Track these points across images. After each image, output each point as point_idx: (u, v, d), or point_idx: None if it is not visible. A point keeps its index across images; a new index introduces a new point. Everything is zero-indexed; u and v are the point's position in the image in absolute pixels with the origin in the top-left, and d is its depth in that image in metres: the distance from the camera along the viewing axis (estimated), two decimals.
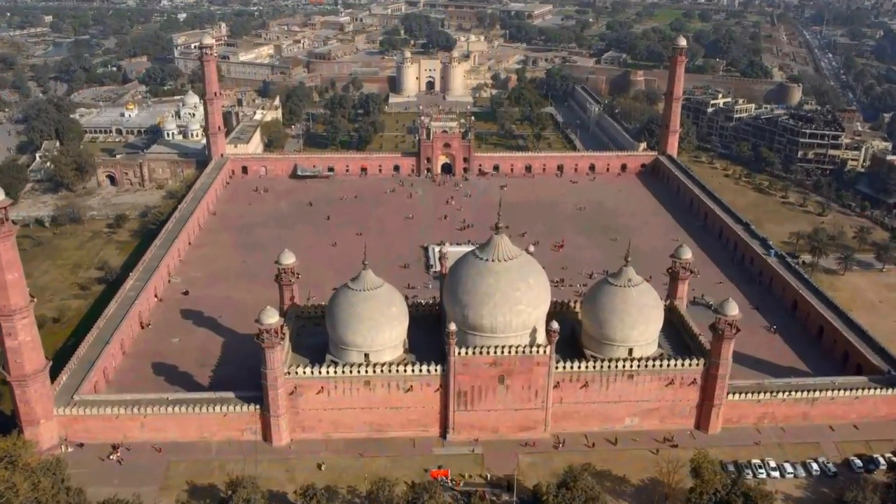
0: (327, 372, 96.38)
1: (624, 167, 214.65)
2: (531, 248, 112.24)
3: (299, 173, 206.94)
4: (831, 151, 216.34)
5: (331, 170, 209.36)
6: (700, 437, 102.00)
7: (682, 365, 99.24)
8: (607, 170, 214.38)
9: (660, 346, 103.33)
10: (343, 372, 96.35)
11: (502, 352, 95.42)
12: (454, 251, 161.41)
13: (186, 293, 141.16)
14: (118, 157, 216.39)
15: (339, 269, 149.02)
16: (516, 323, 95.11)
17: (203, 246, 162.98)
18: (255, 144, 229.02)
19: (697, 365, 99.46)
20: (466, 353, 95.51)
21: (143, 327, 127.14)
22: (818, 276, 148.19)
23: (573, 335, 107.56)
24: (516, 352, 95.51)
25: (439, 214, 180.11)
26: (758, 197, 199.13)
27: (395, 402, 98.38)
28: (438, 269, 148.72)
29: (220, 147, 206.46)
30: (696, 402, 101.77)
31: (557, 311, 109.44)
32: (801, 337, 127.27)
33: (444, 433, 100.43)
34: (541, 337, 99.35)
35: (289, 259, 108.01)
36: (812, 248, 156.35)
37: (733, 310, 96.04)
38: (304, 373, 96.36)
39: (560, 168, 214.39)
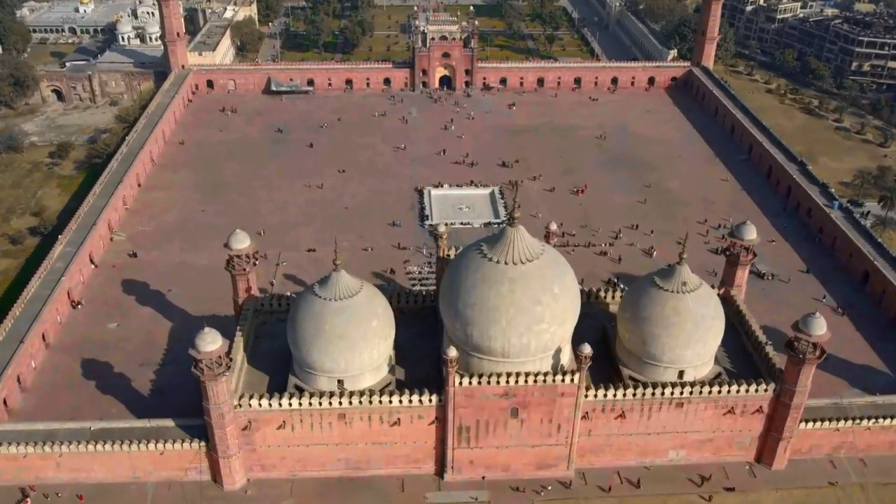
0: (289, 403, 74.25)
1: (651, 81, 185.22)
2: (553, 227, 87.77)
3: (274, 88, 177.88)
4: (892, 64, 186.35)
5: (310, 84, 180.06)
6: (761, 473, 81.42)
7: (747, 391, 77.11)
8: (632, 84, 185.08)
9: (715, 359, 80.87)
10: (310, 403, 74.26)
11: (516, 381, 73.04)
12: (455, 195, 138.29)
13: (134, 255, 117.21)
14: (65, 67, 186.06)
15: (320, 224, 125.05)
16: (536, 345, 72.19)
17: (155, 188, 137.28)
18: (224, 50, 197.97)
19: (766, 391, 77.35)
20: (470, 382, 73.12)
21: (73, 306, 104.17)
22: (890, 236, 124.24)
23: (604, 338, 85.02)
24: (535, 381, 73.15)
25: (437, 147, 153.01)
26: (807, 120, 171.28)
27: (378, 436, 77.08)
28: (434, 223, 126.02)
29: (181, 57, 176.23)
30: (760, 433, 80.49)
31: (583, 303, 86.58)
32: (875, 321, 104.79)
33: (440, 471, 79.72)
34: (566, 356, 76.83)
35: (241, 242, 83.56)
36: (882, 198, 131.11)
37: (819, 328, 72.91)
38: (260, 405, 74.25)
39: (577, 81, 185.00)
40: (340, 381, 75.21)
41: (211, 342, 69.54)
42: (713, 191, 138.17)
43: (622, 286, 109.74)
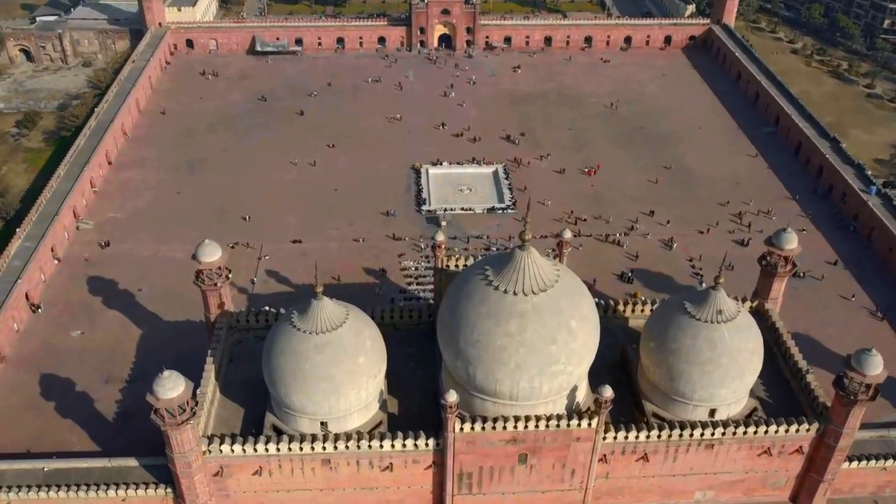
0: (265, 448, 64.85)
1: (668, 40, 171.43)
2: (567, 235, 76.93)
3: (259, 49, 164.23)
4: None
5: (298, 43, 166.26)
6: None
7: (787, 431, 67.68)
8: (647, 43, 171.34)
9: (750, 390, 71.20)
10: (289, 448, 64.88)
11: (525, 426, 63.52)
12: (455, 174, 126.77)
13: (107, 245, 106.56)
14: (34, 24, 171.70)
15: (307, 209, 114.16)
16: (549, 388, 62.41)
17: (127, 166, 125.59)
18: (206, 5, 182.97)
19: (808, 431, 67.94)
20: (472, 427, 63.60)
21: (33, 310, 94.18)
22: None
23: (624, 362, 75.36)
24: (547, 425, 63.64)
25: (435, 117, 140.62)
26: (836, 86, 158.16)
27: (367, 481, 68.03)
28: (432, 208, 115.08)
29: (157, 13, 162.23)
30: (797, 473, 71.47)
31: (599, 317, 76.73)
32: None
33: None
34: (582, 392, 67.18)
35: (211, 255, 72.92)
36: None
37: (875, 366, 62.95)
38: (232, 450, 64.86)
39: (588, 41, 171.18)
40: (324, 423, 65.72)
41: (171, 388, 59.71)
42: (737, 169, 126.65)
43: (632, 277, 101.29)
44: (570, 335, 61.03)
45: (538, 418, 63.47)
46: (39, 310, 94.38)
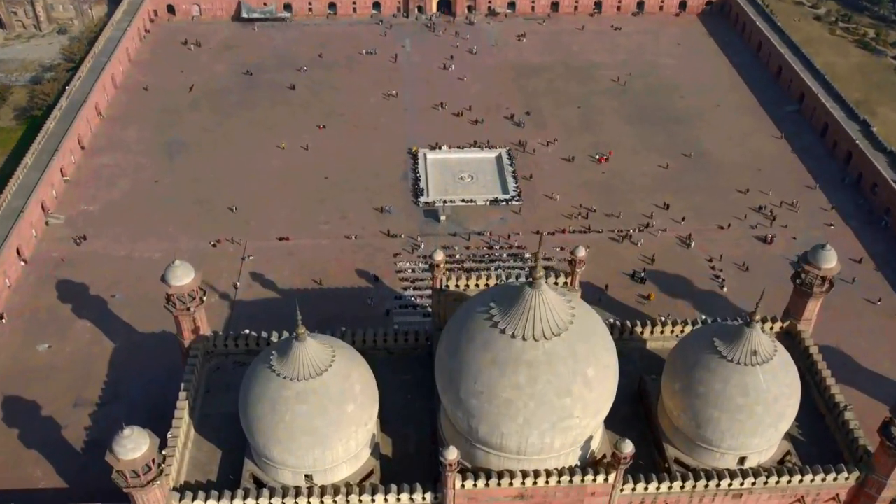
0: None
1: (683, 5, 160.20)
2: (581, 253, 68.69)
3: (245, 15, 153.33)
4: None
5: (287, 9, 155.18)
6: None
7: (824, 480, 60.82)
8: (660, 8, 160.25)
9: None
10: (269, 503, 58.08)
11: (534, 481, 56.58)
12: (455, 160, 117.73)
13: (84, 238, 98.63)
14: None
15: (295, 200, 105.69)
16: (561, 443, 55.29)
17: (102, 151, 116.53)
18: None
19: (847, 479, 61.08)
20: (475, 484, 56.66)
21: None
22: None
23: (642, 394, 68.22)
24: (559, 481, 56.70)
25: (433, 93, 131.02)
26: (863, 58, 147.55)
27: None
28: (430, 200, 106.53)
29: None
30: None
31: (614, 339, 69.47)
32: None
33: None
34: (597, 440, 60.08)
35: (183, 278, 64.93)
36: None
37: None
38: None
39: (597, 6, 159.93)
40: (309, 476, 58.78)
41: (133, 448, 52.54)
42: (759, 153, 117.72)
43: (644, 277, 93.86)
44: (586, 385, 53.57)
45: (549, 473, 56.44)
46: (3, 320, 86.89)
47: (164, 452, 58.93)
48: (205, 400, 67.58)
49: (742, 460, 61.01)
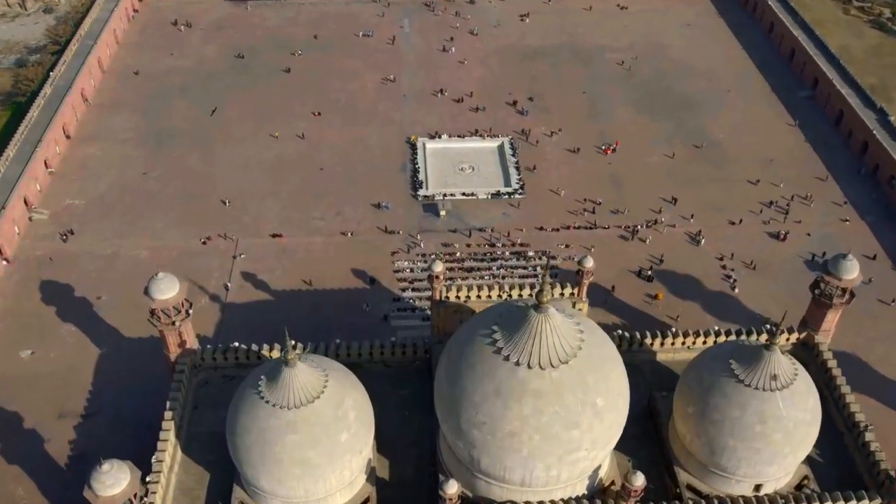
0: None
1: None
2: (589, 264, 64.76)
3: None
4: None
5: None
6: None
7: None
8: None
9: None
10: None
11: None
12: (455, 150, 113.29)
13: (71, 233, 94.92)
14: None
15: (289, 194, 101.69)
16: (569, 475, 52.10)
17: (88, 140, 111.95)
18: None
19: None
20: None
21: None
22: None
23: (651, 412, 65.02)
24: None
25: (433, 78, 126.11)
26: (879, 39, 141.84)
27: None
28: (429, 194, 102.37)
29: None
30: None
31: (622, 351, 66.18)
32: None
33: None
34: (605, 467, 56.87)
35: (167, 291, 61.36)
36: None
37: None
38: None
39: None
40: None
41: (113, 485, 49.22)
42: (771, 142, 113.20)
43: (651, 275, 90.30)
44: (595, 416, 50.18)
45: None
46: None
47: (147, 480, 56.03)
48: (192, 417, 64.48)
49: (758, 487, 57.88)
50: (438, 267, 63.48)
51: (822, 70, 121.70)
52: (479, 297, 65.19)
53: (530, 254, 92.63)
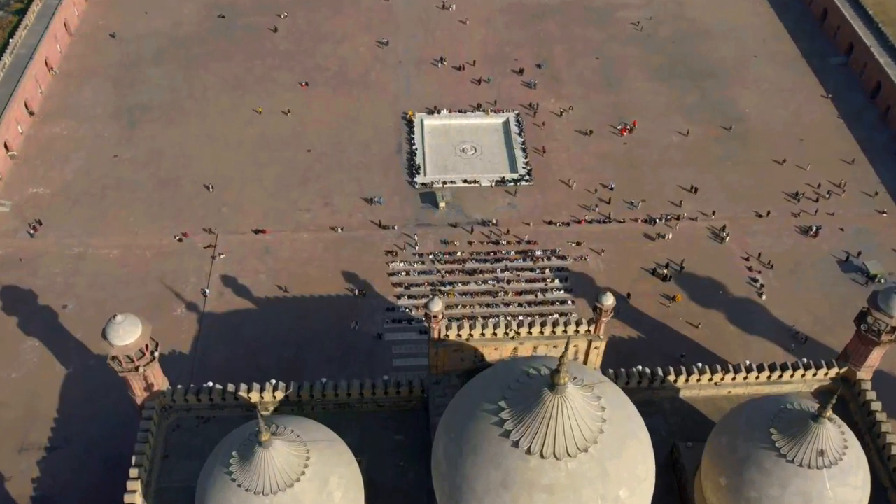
0: None
1: None
2: (608, 302, 56.73)
3: None
4: None
5: None
6: None
7: None
8: None
9: None
10: None
11: None
12: (456, 127, 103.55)
13: (40, 224, 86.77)
14: None
15: (273, 181, 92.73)
16: None
17: (54, 117, 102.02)
18: None
19: None
20: None
21: None
22: None
23: (674, 464, 58.49)
24: None
25: (431, 42, 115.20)
26: None
27: None
28: (427, 181, 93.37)
29: None
30: None
31: (643, 389, 59.63)
32: None
33: None
34: None
35: (127, 337, 53.81)
36: None
37: None
38: None
39: None
40: None
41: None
42: (801, 119, 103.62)
43: (668, 275, 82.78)
44: None
45: None
46: None
47: None
48: (162, 469, 58.00)
49: None
50: (437, 306, 55.54)
51: (857, 34, 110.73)
52: (482, 334, 57.70)
53: (538, 253, 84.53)
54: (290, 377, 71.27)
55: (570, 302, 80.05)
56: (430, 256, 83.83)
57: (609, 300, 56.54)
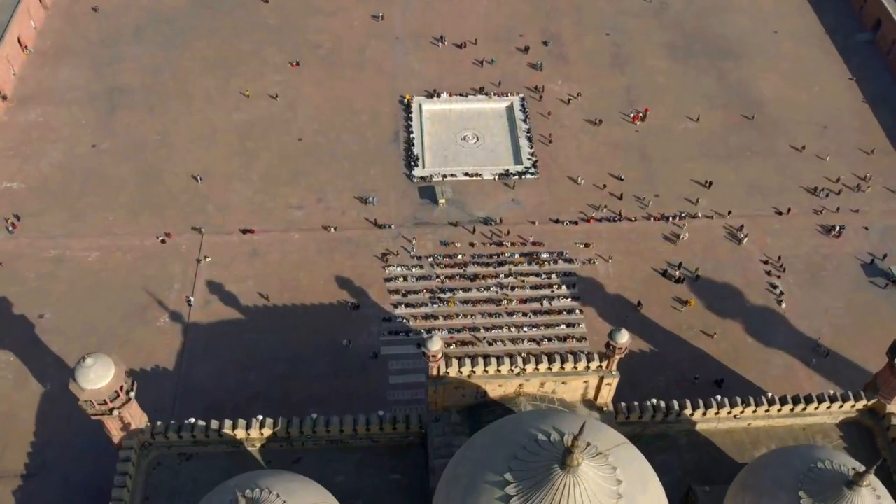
0: None
1: None
2: (623, 339, 52.10)
3: None
4: None
5: None
6: None
7: None
8: None
9: None
10: None
11: None
12: (457, 112, 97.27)
13: (18, 219, 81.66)
14: None
15: (261, 174, 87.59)
16: None
17: (30, 103, 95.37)
18: None
19: None
20: None
21: None
22: None
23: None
24: None
25: (430, 15, 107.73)
26: None
27: None
28: (426, 174, 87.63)
29: None
30: None
31: (657, 423, 55.52)
32: None
33: None
34: None
35: (98, 380, 49.09)
36: None
37: None
38: None
39: None
40: None
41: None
42: (825, 103, 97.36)
43: (681, 277, 78.02)
44: None
45: None
46: None
47: None
48: None
49: None
50: (436, 345, 50.83)
51: (885, 8, 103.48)
52: (486, 371, 53.25)
53: (544, 256, 79.49)
54: (280, 396, 67.25)
55: (577, 311, 75.32)
56: (430, 259, 78.86)
57: (623, 338, 51.94)
